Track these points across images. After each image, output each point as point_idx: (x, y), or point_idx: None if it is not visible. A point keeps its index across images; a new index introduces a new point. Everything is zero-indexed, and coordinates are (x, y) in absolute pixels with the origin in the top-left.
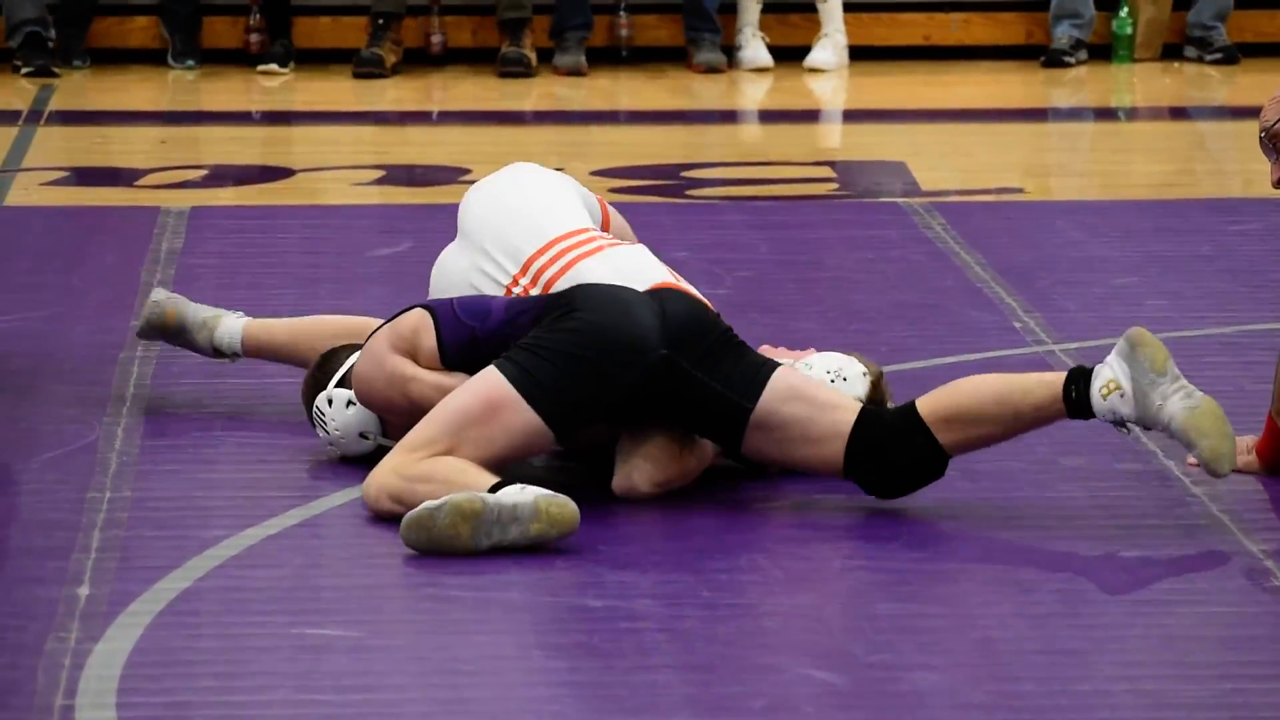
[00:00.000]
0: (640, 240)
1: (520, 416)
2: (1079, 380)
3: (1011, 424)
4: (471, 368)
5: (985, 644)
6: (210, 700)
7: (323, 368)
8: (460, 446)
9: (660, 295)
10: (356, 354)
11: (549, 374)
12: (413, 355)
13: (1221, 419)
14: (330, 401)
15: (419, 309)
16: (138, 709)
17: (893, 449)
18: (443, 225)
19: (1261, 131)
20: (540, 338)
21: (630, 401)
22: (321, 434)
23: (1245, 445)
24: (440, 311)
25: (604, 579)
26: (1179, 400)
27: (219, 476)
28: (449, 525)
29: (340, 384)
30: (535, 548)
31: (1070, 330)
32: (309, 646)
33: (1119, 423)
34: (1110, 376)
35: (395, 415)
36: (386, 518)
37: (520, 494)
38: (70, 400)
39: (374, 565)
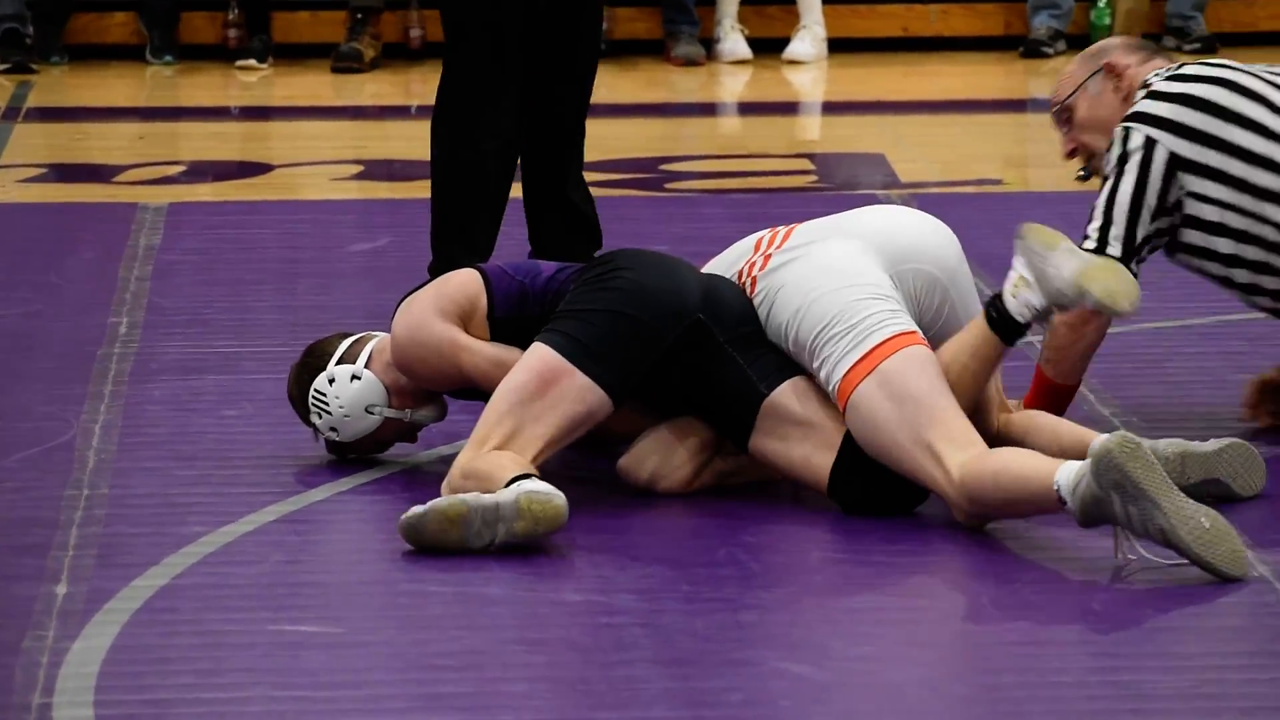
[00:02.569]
0: (620, 233)
1: (574, 383)
2: (995, 300)
3: (969, 386)
4: (519, 325)
5: (965, 636)
6: (188, 697)
7: (314, 354)
8: (524, 425)
9: (714, 277)
10: (349, 340)
11: (594, 336)
12: (465, 320)
13: (1116, 270)
14: (332, 380)
15: (466, 269)
16: (116, 707)
17: (879, 472)
18: (422, 220)
19: (1054, 105)
20: (582, 299)
21: (663, 367)
22: (320, 419)
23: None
24: (489, 269)
25: (582, 573)
26: (1069, 260)
27: (197, 473)
28: (438, 530)
29: (339, 364)
30: (511, 543)
31: None
32: (288, 643)
33: (1038, 317)
34: (1015, 274)
35: (441, 385)
36: None
37: (503, 493)
38: (48, 397)
39: (352, 562)
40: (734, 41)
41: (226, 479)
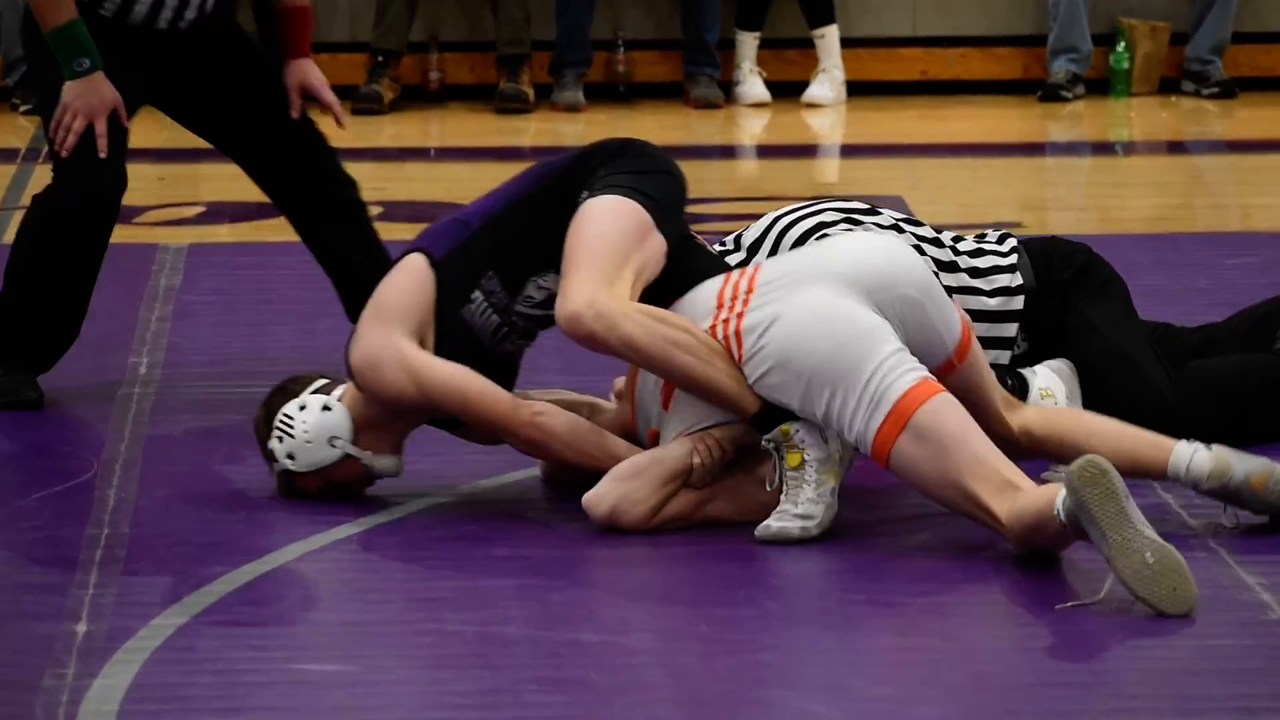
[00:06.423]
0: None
1: (658, 241)
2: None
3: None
4: (464, 250)
5: (983, 678)
6: None
7: (290, 381)
8: (640, 271)
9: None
10: (328, 380)
11: (660, 193)
12: (414, 312)
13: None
14: (303, 407)
15: (405, 262)
16: None
17: None
18: None
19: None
20: (631, 164)
21: None
22: (280, 443)
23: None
24: (426, 244)
25: (600, 614)
26: None
27: (216, 513)
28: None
29: (314, 394)
30: (530, 583)
31: None
32: (307, 681)
33: None
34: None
35: (404, 403)
36: (616, 343)
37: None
38: (69, 437)
39: (372, 600)
40: (753, 84)
41: (245, 518)
